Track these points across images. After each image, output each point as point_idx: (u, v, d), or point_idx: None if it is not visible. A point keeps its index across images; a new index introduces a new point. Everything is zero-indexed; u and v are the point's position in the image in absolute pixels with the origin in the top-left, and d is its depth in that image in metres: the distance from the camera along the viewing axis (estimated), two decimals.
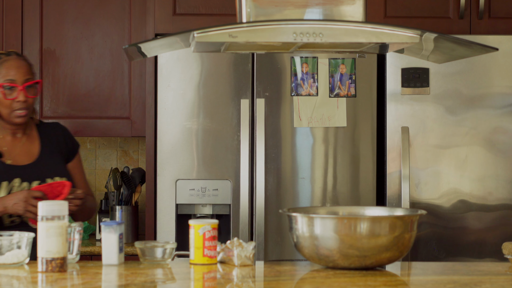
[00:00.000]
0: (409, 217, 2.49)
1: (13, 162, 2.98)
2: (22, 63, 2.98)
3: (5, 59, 2.97)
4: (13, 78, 2.94)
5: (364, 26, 2.49)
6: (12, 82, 2.93)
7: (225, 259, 2.57)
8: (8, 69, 2.94)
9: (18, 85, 2.93)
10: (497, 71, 3.75)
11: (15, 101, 2.93)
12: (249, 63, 3.76)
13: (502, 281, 2.34)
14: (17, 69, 2.95)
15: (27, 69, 2.98)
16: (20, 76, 2.95)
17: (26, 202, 2.77)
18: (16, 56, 2.99)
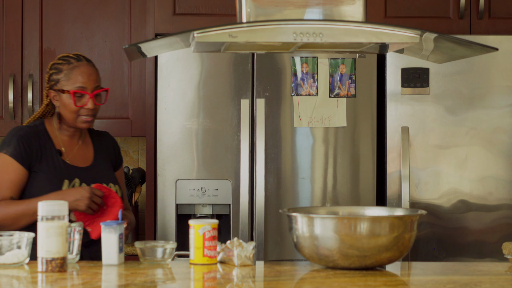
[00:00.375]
0: (409, 217, 2.49)
1: (71, 162, 2.98)
2: (92, 69, 2.97)
3: (76, 64, 2.95)
4: (84, 85, 2.92)
5: (364, 26, 2.49)
6: (83, 90, 2.92)
7: (225, 259, 2.57)
8: (79, 76, 2.93)
9: (88, 93, 2.92)
10: (497, 71, 3.75)
11: (84, 108, 2.93)
12: (249, 63, 3.76)
13: (502, 281, 2.34)
14: (88, 76, 2.94)
15: (96, 76, 2.97)
16: (91, 84, 2.93)
17: (90, 199, 2.78)
18: (86, 62, 2.98)
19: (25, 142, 2.90)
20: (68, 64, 2.95)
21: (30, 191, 2.90)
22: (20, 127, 2.98)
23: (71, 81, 2.93)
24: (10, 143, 2.90)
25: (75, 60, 2.97)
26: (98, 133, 3.16)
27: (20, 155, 2.89)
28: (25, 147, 2.89)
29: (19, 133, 2.92)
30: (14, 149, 2.89)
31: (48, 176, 2.90)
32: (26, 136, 2.92)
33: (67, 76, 2.94)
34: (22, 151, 2.89)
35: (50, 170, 2.91)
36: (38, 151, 2.92)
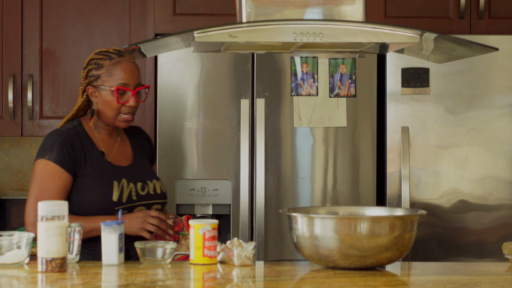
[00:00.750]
0: (409, 217, 2.49)
1: (114, 162, 2.93)
2: (134, 66, 2.91)
3: (118, 60, 2.89)
4: (127, 82, 2.86)
5: (364, 26, 2.49)
6: (126, 86, 2.86)
7: (225, 259, 2.57)
8: (122, 72, 2.87)
9: (131, 90, 2.86)
10: (497, 71, 3.75)
11: (125, 105, 2.87)
12: (249, 63, 3.76)
13: (502, 281, 2.34)
14: (131, 72, 2.88)
15: (138, 73, 2.91)
16: (134, 80, 2.88)
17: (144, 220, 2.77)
18: (128, 58, 2.90)
19: (68, 147, 2.82)
20: (109, 59, 2.88)
21: (79, 197, 2.84)
22: (60, 131, 2.89)
23: (114, 77, 2.86)
24: (53, 148, 2.82)
25: (116, 55, 2.89)
26: (131, 129, 3.09)
27: (64, 161, 2.81)
28: (68, 151, 2.82)
29: (61, 137, 2.84)
30: (57, 154, 2.81)
31: (96, 179, 2.84)
32: (69, 140, 2.84)
33: (108, 72, 2.87)
34: (66, 156, 2.81)
35: (97, 173, 2.85)
36: (82, 154, 2.85)
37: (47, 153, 2.82)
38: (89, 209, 2.83)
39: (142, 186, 2.92)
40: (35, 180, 2.82)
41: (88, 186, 2.84)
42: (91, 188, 2.84)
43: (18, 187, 4.43)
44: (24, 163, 4.43)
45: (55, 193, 2.80)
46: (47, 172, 2.81)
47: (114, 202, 2.84)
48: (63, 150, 2.81)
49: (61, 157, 2.81)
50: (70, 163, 2.82)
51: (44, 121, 4.08)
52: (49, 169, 2.81)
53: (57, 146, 2.82)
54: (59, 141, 2.83)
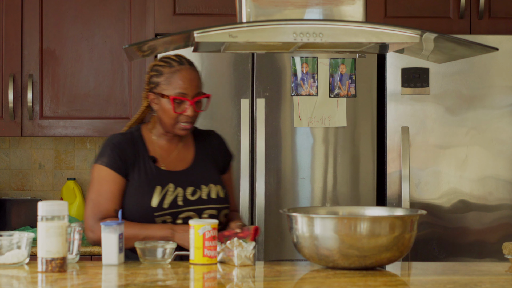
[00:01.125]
0: (409, 217, 2.49)
1: (167, 167, 2.90)
2: (194, 75, 2.84)
3: (178, 68, 2.82)
4: (185, 91, 2.80)
5: (364, 26, 2.49)
6: (183, 96, 2.80)
7: (225, 259, 2.57)
8: (180, 81, 2.80)
9: (188, 99, 2.80)
10: (497, 71, 3.75)
11: (183, 114, 2.82)
12: (249, 63, 3.76)
13: (502, 281, 2.34)
14: (190, 81, 2.81)
15: (198, 82, 2.84)
16: (192, 90, 2.81)
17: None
18: (189, 65, 2.84)
19: (118, 150, 2.83)
20: (169, 67, 2.83)
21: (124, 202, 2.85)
22: (113, 135, 2.90)
23: (172, 86, 2.81)
24: (105, 153, 2.84)
25: (177, 63, 2.84)
26: (203, 132, 3.04)
27: (115, 164, 2.82)
28: (119, 155, 2.83)
29: (112, 142, 2.85)
30: (108, 158, 2.82)
31: (138, 184, 2.84)
32: (120, 144, 2.84)
33: (167, 80, 2.82)
34: (117, 159, 2.82)
35: (141, 178, 2.84)
36: (132, 158, 2.85)
37: (100, 158, 2.85)
38: (131, 214, 2.82)
39: (193, 191, 2.87)
40: (92, 184, 2.87)
41: (130, 191, 2.85)
42: (132, 193, 2.85)
43: (18, 187, 4.43)
44: (24, 163, 4.43)
45: (110, 196, 2.82)
46: (101, 177, 2.84)
47: (153, 208, 2.83)
48: (114, 154, 2.83)
49: (112, 160, 2.83)
50: (122, 167, 2.84)
51: (44, 121, 4.08)
52: (102, 174, 2.84)
53: (108, 150, 2.84)
54: (110, 146, 2.85)
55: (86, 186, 4.43)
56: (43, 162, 4.43)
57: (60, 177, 4.44)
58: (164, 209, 2.82)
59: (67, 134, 4.11)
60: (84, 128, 4.10)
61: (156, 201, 2.82)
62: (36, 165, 4.43)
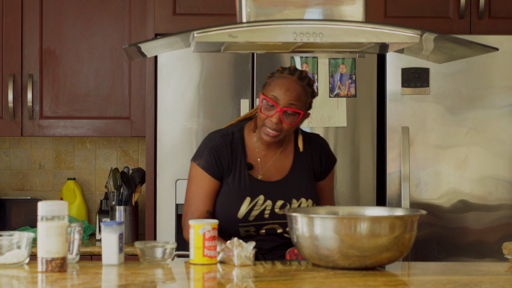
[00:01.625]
0: (409, 217, 2.49)
1: (263, 177, 2.91)
2: (295, 86, 2.80)
3: (284, 76, 2.81)
4: (277, 96, 2.78)
5: (364, 26, 2.49)
6: (274, 100, 2.78)
7: (225, 259, 2.57)
8: (277, 86, 2.80)
9: (277, 105, 2.78)
10: (497, 71, 3.75)
11: (270, 119, 2.80)
12: (249, 63, 3.76)
13: (502, 281, 2.34)
14: (285, 90, 2.78)
15: (295, 95, 2.79)
16: (284, 99, 2.78)
17: None
18: (296, 78, 2.81)
19: (216, 155, 2.86)
20: (280, 72, 2.83)
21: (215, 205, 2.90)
22: (214, 136, 2.92)
23: (270, 88, 2.81)
24: (203, 154, 2.88)
25: (288, 71, 2.82)
26: (306, 137, 2.99)
27: (211, 168, 2.87)
28: (216, 159, 2.86)
29: (211, 144, 2.88)
30: (205, 161, 2.87)
31: (229, 192, 2.88)
32: (218, 148, 2.87)
33: (271, 82, 2.83)
34: (213, 164, 2.86)
35: (234, 186, 2.87)
36: (229, 163, 2.87)
37: (198, 158, 2.90)
38: (218, 219, 2.81)
39: (283, 204, 2.87)
40: (188, 183, 2.94)
41: (221, 197, 2.90)
42: (222, 199, 2.89)
43: (18, 187, 4.43)
44: (24, 163, 4.43)
45: (203, 197, 2.88)
46: (196, 177, 2.90)
47: (239, 219, 2.87)
48: (211, 158, 2.87)
49: (208, 164, 2.87)
50: (217, 171, 2.88)
51: (44, 121, 4.08)
52: (198, 174, 2.89)
53: (206, 153, 2.88)
54: (209, 148, 2.89)
55: (86, 186, 4.44)
56: (43, 162, 4.43)
57: (60, 177, 4.44)
58: (249, 221, 2.88)
59: (67, 134, 4.11)
60: (84, 128, 4.10)
61: (242, 213, 2.87)
62: (36, 165, 4.43)
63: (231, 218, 2.86)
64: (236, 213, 2.86)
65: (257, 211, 2.88)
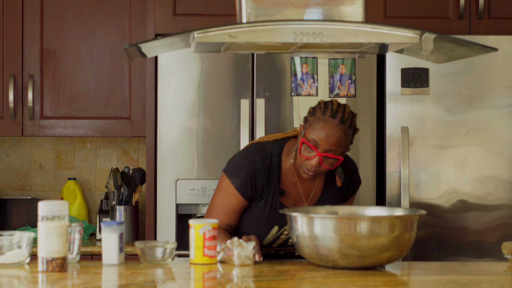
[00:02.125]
0: (409, 217, 2.49)
1: (291, 203, 2.91)
2: (337, 132, 2.75)
3: (326, 119, 2.76)
4: (318, 142, 2.75)
5: (364, 26, 2.49)
6: (314, 145, 2.76)
7: (225, 259, 2.58)
8: (320, 131, 2.76)
9: (317, 151, 2.76)
10: (497, 71, 3.75)
11: (309, 161, 2.78)
12: (249, 63, 3.76)
13: (501, 281, 2.34)
14: (327, 136, 2.75)
15: (336, 141, 2.75)
16: (325, 144, 2.75)
17: None
18: (338, 122, 2.75)
19: (252, 179, 2.86)
20: (322, 113, 2.77)
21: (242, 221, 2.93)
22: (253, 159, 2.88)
23: (311, 130, 2.77)
24: (239, 174, 2.87)
25: (330, 114, 2.76)
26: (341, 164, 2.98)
27: (244, 190, 2.87)
28: (251, 184, 2.87)
29: (250, 167, 2.86)
30: (241, 183, 2.87)
31: (259, 217, 2.90)
32: (256, 172, 2.86)
33: (312, 123, 2.78)
34: (247, 187, 2.87)
35: (264, 212, 2.89)
36: (263, 188, 2.88)
37: (233, 176, 2.89)
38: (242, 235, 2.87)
39: None
40: (217, 194, 2.93)
41: (249, 219, 2.92)
42: (250, 222, 2.91)
43: (19, 187, 4.44)
44: (25, 163, 4.44)
45: (228, 212, 2.89)
46: (227, 192, 2.90)
47: (263, 244, 2.92)
48: (247, 181, 2.87)
49: (243, 186, 2.87)
50: (250, 194, 2.89)
51: (45, 121, 4.09)
52: (229, 191, 2.89)
53: (243, 175, 2.87)
54: (247, 171, 2.87)
55: (86, 186, 4.44)
56: (43, 162, 4.43)
57: (61, 177, 4.44)
58: (272, 246, 2.93)
59: (68, 134, 4.11)
60: (84, 128, 4.10)
61: (268, 240, 2.91)
62: (36, 165, 4.44)
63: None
64: (262, 239, 2.91)
65: (283, 239, 2.92)
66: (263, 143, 2.95)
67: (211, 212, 2.91)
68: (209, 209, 2.93)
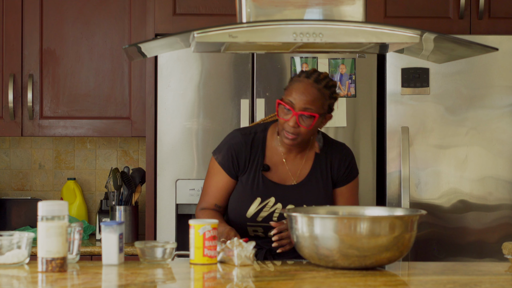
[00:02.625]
0: (409, 217, 2.49)
1: (277, 179, 2.93)
2: (310, 90, 2.79)
3: (300, 79, 2.82)
4: (292, 101, 2.79)
5: (364, 26, 2.49)
6: (289, 105, 2.80)
7: (225, 259, 2.58)
8: (293, 91, 2.81)
9: (293, 110, 2.79)
10: (497, 71, 3.75)
11: (287, 123, 2.81)
12: (249, 63, 3.76)
13: (502, 281, 2.34)
14: (300, 94, 2.79)
15: (310, 99, 2.79)
16: (299, 103, 2.79)
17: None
18: (312, 82, 2.81)
19: (234, 153, 2.91)
20: (297, 76, 2.85)
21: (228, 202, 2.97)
22: (236, 134, 2.95)
23: (287, 92, 2.84)
24: (222, 150, 2.94)
25: (304, 75, 2.84)
26: (331, 145, 2.99)
27: (226, 165, 2.92)
28: (232, 158, 2.91)
29: (231, 142, 2.93)
30: (222, 157, 2.92)
31: (242, 191, 2.93)
32: (237, 146, 2.91)
33: (288, 86, 2.85)
34: (229, 162, 2.91)
35: (247, 185, 2.92)
36: (245, 163, 2.91)
37: (217, 152, 2.96)
38: (229, 215, 2.95)
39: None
40: (206, 174, 3.01)
41: (234, 195, 2.95)
42: (234, 197, 2.94)
43: (18, 187, 4.43)
44: (24, 163, 4.43)
45: (214, 191, 2.94)
46: (212, 170, 2.96)
47: (247, 218, 2.93)
48: (228, 155, 2.92)
49: (225, 160, 2.92)
50: (232, 169, 2.92)
51: (44, 121, 4.08)
52: (214, 168, 2.95)
53: (225, 149, 2.93)
54: (228, 145, 2.93)
55: (86, 186, 4.44)
56: (43, 162, 4.43)
57: (60, 177, 4.44)
58: (257, 222, 2.92)
59: (67, 134, 4.11)
60: (84, 128, 4.10)
61: (251, 213, 2.92)
62: (36, 165, 4.43)
63: (240, 216, 2.92)
64: (245, 212, 2.91)
65: (266, 212, 2.92)
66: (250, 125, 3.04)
67: (202, 194, 2.97)
68: (202, 190, 2.99)
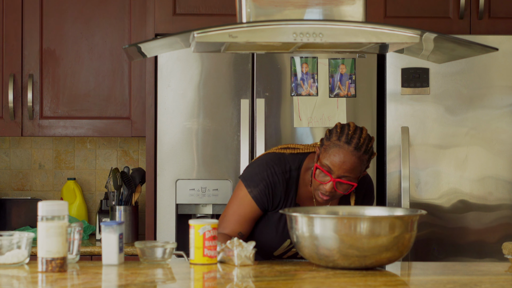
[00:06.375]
0: (409, 217, 2.49)
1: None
2: (350, 158, 2.73)
3: (340, 144, 2.74)
4: (331, 168, 2.75)
5: (364, 26, 2.49)
6: (327, 171, 2.76)
7: (225, 259, 2.58)
8: (332, 156, 2.74)
9: (331, 176, 2.75)
10: (497, 71, 3.75)
11: (323, 186, 2.78)
12: (249, 63, 3.76)
13: (502, 281, 2.34)
14: (340, 162, 2.74)
15: (349, 167, 2.73)
16: (339, 170, 2.74)
17: None
18: (353, 149, 2.73)
19: (271, 191, 2.86)
20: (337, 139, 2.75)
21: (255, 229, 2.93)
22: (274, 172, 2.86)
23: (325, 156, 2.77)
24: (258, 185, 2.86)
25: (344, 139, 2.74)
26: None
27: (261, 201, 2.87)
28: (268, 196, 2.87)
29: (270, 180, 2.86)
30: (259, 193, 2.86)
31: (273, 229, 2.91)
32: (274, 185, 2.86)
33: (327, 148, 2.77)
34: (264, 199, 2.87)
35: (279, 226, 2.90)
36: (279, 201, 2.88)
37: (251, 186, 2.88)
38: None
39: None
40: (233, 201, 2.91)
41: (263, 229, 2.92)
42: (263, 232, 2.92)
43: (18, 187, 4.43)
44: (24, 163, 4.43)
45: (241, 220, 2.88)
46: (242, 200, 2.89)
47: (273, 255, 2.94)
48: (265, 192, 2.87)
49: (261, 196, 2.87)
50: (266, 205, 2.89)
51: (44, 121, 4.08)
52: (245, 199, 2.88)
53: (262, 186, 2.87)
54: (266, 182, 2.87)
55: (86, 186, 4.44)
56: (43, 162, 4.43)
57: (60, 177, 4.44)
58: (281, 258, 2.94)
59: (67, 134, 4.11)
60: (84, 128, 4.10)
61: (278, 252, 2.93)
62: (36, 165, 4.43)
63: (266, 251, 2.92)
64: (273, 250, 2.92)
65: (293, 252, 2.94)
66: (284, 155, 2.93)
67: (224, 219, 2.89)
68: (223, 215, 2.91)
